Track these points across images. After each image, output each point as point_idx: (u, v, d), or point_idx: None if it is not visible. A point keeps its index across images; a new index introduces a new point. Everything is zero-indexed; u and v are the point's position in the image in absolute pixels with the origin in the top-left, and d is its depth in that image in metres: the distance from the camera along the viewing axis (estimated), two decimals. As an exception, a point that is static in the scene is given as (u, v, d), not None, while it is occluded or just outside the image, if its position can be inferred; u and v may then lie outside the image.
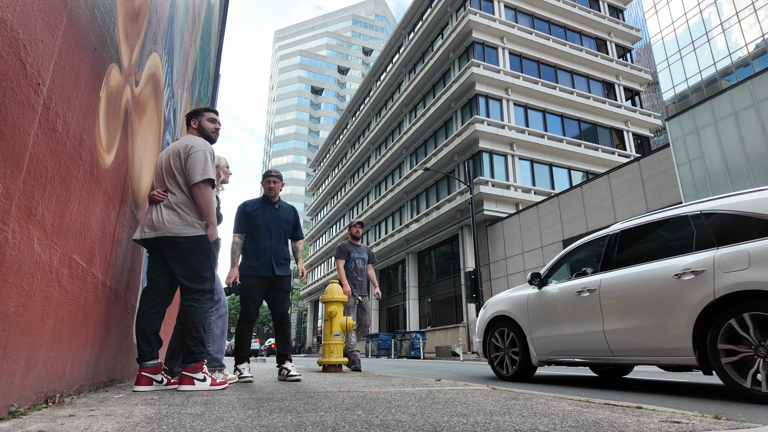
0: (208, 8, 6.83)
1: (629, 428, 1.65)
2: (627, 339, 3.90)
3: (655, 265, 3.80)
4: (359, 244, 6.43)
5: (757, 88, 11.53)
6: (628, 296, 3.93)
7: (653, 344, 3.70)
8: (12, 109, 1.47)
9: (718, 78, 38.75)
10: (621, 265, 4.14)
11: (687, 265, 3.51)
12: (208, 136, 3.26)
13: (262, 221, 4.13)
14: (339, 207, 40.71)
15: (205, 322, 3.06)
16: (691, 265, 3.49)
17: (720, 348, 3.19)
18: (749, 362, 3.04)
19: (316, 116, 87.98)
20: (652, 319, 3.69)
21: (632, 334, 3.85)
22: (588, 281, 4.36)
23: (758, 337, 3.00)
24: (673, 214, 3.92)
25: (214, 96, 9.19)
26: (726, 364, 3.17)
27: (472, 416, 1.89)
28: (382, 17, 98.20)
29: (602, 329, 4.09)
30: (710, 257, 3.40)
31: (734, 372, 3.12)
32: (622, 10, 29.85)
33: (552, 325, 4.64)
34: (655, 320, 3.66)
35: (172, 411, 1.94)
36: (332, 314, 5.32)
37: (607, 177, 16.12)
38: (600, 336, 4.11)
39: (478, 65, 22.63)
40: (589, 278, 4.39)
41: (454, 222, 22.83)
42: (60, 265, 1.96)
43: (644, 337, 3.76)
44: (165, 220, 2.89)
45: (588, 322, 4.25)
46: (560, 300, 4.61)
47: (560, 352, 4.58)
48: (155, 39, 3.43)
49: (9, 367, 1.59)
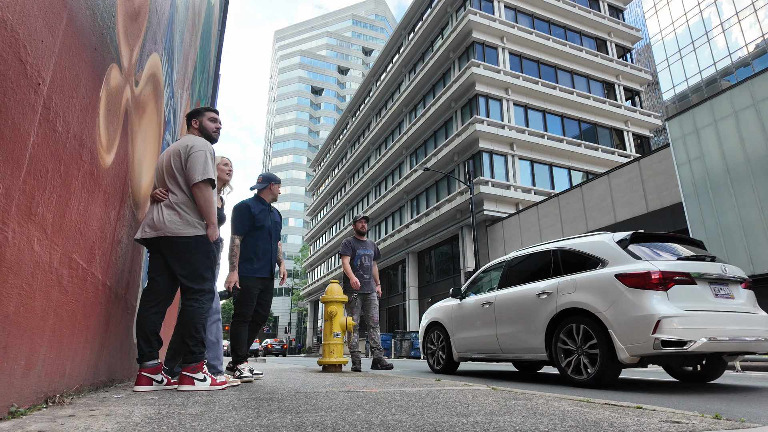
0: (208, 8, 6.83)
1: (629, 428, 1.65)
2: (509, 340, 5.16)
3: (527, 286, 5.06)
4: (365, 240, 6.10)
5: (757, 88, 11.53)
6: (510, 308, 5.20)
7: (524, 345, 4.93)
8: (12, 109, 1.47)
9: (718, 78, 38.75)
10: (510, 284, 5.42)
11: (543, 287, 4.78)
12: (210, 135, 3.26)
13: (266, 223, 4.16)
14: (339, 207, 40.72)
15: (206, 322, 3.06)
16: (545, 287, 4.76)
17: (558, 347, 4.46)
18: (574, 358, 4.31)
19: (316, 116, 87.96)
20: (523, 326, 4.94)
21: (512, 337, 5.11)
22: (489, 296, 5.63)
23: (579, 340, 4.26)
24: (542, 249, 5.20)
25: (214, 96, 9.19)
26: (560, 359, 4.42)
27: (472, 416, 1.89)
28: (382, 17, 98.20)
29: (495, 333, 5.35)
30: (556, 282, 4.66)
31: (566, 365, 4.37)
32: (622, 10, 29.85)
33: (467, 330, 5.90)
34: (525, 327, 4.90)
35: (172, 411, 1.94)
36: (332, 314, 5.32)
37: (607, 177, 16.12)
38: (494, 338, 5.36)
39: (478, 65, 22.63)
40: (490, 294, 5.66)
41: (454, 222, 22.83)
42: (60, 265, 1.96)
43: (519, 339, 5.00)
44: (165, 220, 2.90)
45: (488, 327, 5.51)
46: (472, 310, 5.86)
47: (472, 351, 5.83)
48: (155, 39, 3.43)
49: (9, 367, 1.59)
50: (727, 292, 4.17)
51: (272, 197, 4.33)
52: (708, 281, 4.11)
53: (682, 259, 4.25)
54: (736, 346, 3.88)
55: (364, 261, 5.95)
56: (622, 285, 4.03)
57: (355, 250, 5.95)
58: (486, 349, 5.53)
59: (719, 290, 4.13)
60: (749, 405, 2.99)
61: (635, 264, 4.12)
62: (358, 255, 5.94)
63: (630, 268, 4.09)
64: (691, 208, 12.59)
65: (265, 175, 4.39)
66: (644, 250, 4.32)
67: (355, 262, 5.92)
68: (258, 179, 4.39)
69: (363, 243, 6.05)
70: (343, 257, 5.92)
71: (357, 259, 5.92)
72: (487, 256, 21.26)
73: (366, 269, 5.95)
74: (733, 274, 4.27)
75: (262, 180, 4.34)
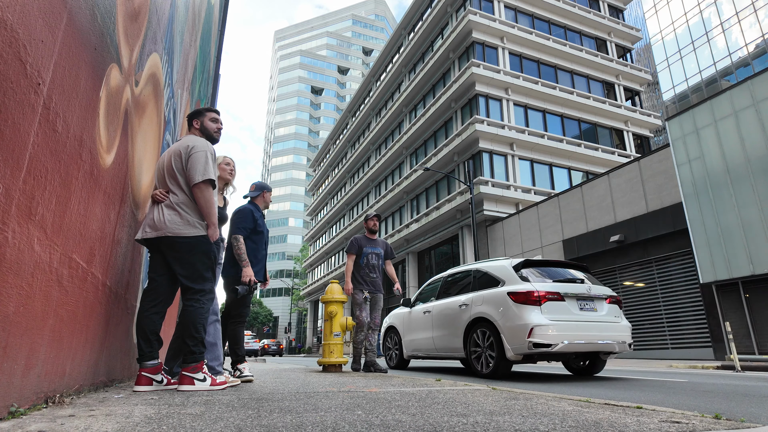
0: (208, 8, 6.83)
1: (629, 428, 1.65)
2: (441, 342, 6.35)
3: (454, 298, 6.31)
4: (375, 239, 5.95)
5: (757, 88, 11.52)
6: (442, 316, 6.42)
7: (451, 345, 6.14)
8: (12, 109, 1.47)
9: (718, 78, 38.73)
10: (444, 296, 6.63)
11: (463, 300, 6.04)
12: (211, 136, 3.26)
13: (264, 230, 4.24)
14: (339, 207, 40.71)
15: (206, 322, 3.06)
16: (464, 300, 6.01)
17: (470, 348, 5.70)
18: (480, 356, 5.52)
19: (316, 116, 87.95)
20: (450, 330, 6.16)
21: (443, 339, 6.30)
22: (429, 306, 6.87)
23: (483, 342, 5.49)
24: (466, 269, 6.49)
25: (214, 96, 9.19)
26: (472, 357, 5.66)
27: (472, 416, 1.89)
28: (382, 17, 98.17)
29: (432, 336, 6.56)
30: (471, 297, 5.91)
31: (475, 362, 5.59)
32: (622, 10, 29.84)
33: (413, 333, 7.12)
34: (451, 331, 6.13)
35: (172, 411, 1.94)
36: (332, 314, 5.32)
37: (607, 177, 16.11)
38: (432, 340, 6.57)
39: (478, 65, 22.62)
40: (430, 303, 6.89)
41: (454, 222, 22.83)
42: (60, 265, 1.96)
43: (447, 341, 6.20)
44: (166, 220, 2.90)
45: (427, 330, 6.72)
46: (417, 316, 7.09)
47: (417, 350, 7.03)
48: (155, 39, 3.43)
49: (9, 367, 1.59)
50: (592, 306, 5.40)
51: (265, 205, 4.40)
52: (575, 298, 5.32)
53: (557, 281, 5.50)
54: (591, 347, 5.11)
55: (371, 259, 5.78)
56: (510, 300, 5.22)
57: (362, 248, 5.79)
58: (426, 348, 6.75)
59: (585, 305, 5.36)
60: (749, 405, 2.99)
61: (522, 284, 5.31)
62: (365, 253, 5.78)
63: (518, 287, 5.29)
64: (691, 208, 12.59)
65: (258, 183, 4.45)
66: (532, 274, 5.55)
67: (361, 260, 5.77)
68: (251, 188, 4.44)
69: (373, 241, 5.89)
70: (349, 255, 5.79)
71: (363, 257, 5.77)
72: (487, 255, 21.26)
73: (373, 268, 5.78)
74: (597, 293, 5.47)
75: (255, 188, 4.40)
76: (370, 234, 5.93)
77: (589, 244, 16.16)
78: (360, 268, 5.75)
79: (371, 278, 5.74)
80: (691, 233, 12.49)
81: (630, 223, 14.75)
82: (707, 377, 6.10)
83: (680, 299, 13.45)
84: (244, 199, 4.42)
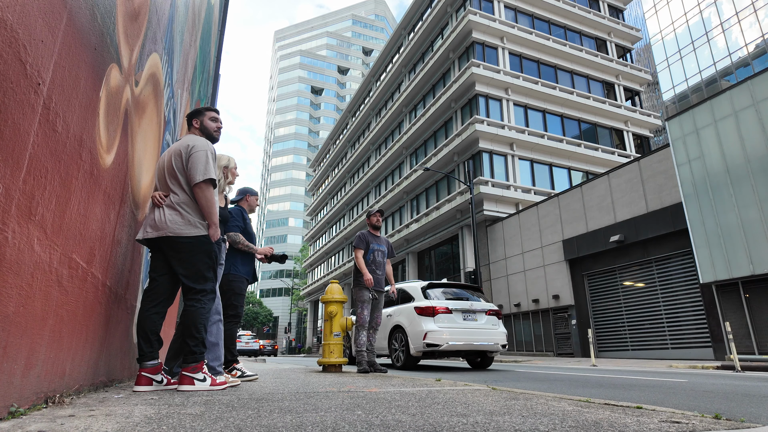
0: (208, 8, 6.82)
1: (629, 428, 1.65)
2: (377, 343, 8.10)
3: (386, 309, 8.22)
4: (379, 235, 5.87)
5: (757, 88, 11.52)
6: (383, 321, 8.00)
7: (381, 345, 8.19)
8: (12, 109, 1.47)
9: (718, 78, 38.73)
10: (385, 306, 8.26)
11: (391, 311, 8.08)
12: (211, 135, 3.26)
13: (252, 232, 4.38)
14: (339, 207, 40.70)
15: (207, 322, 3.06)
16: (392, 311, 8.06)
17: (391, 347, 7.89)
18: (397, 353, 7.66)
19: (316, 116, 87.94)
20: (382, 334, 8.12)
21: (380, 341, 8.22)
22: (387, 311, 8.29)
23: (398, 343, 7.62)
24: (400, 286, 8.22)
25: (214, 96, 9.19)
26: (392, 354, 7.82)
27: (472, 416, 1.89)
28: (382, 17, 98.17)
29: (386, 335, 8.10)
30: (394, 309, 8.02)
31: (393, 357, 7.76)
32: (622, 10, 29.84)
33: None
34: (382, 335, 8.12)
35: (172, 411, 1.94)
36: (332, 314, 5.32)
37: (607, 177, 16.12)
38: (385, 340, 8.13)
39: (478, 65, 22.62)
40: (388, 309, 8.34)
41: (454, 222, 22.83)
42: (60, 265, 1.96)
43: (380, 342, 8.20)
44: (167, 220, 2.89)
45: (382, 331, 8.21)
46: None
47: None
48: (155, 39, 3.43)
49: (9, 367, 1.59)
50: (473, 317, 7.48)
51: (249, 208, 4.46)
52: (461, 311, 7.41)
53: (449, 299, 7.66)
54: (468, 347, 7.10)
55: (377, 256, 5.70)
56: (415, 313, 7.33)
57: (369, 244, 5.68)
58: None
59: (467, 316, 7.44)
60: (749, 405, 2.99)
61: (425, 301, 7.47)
62: (372, 250, 5.67)
63: (421, 303, 7.44)
64: (691, 208, 12.59)
65: (241, 188, 4.58)
66: (434, 293, 7.70)
67: (367, 256, 5.66)
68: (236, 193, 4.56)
69: (377, 238, 5.82)
70: (357, 250, 5.66)
71: (370, 253, 5.66)
72: (487, 256, 21.27)
73: (378, 265, 5.69)
74: (479, 307, 7.57)
75: (238, 193, 4.50)
76: (373, 230, 5.85)
77: (589, 244, 16.16)
78: (366, 264, 5.63)
79: (377, 276, 5.64)
80: (691, 233, 12.49)
81: (630, 223, 14.75)
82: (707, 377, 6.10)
83: (680, 299, 13.46)
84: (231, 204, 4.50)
